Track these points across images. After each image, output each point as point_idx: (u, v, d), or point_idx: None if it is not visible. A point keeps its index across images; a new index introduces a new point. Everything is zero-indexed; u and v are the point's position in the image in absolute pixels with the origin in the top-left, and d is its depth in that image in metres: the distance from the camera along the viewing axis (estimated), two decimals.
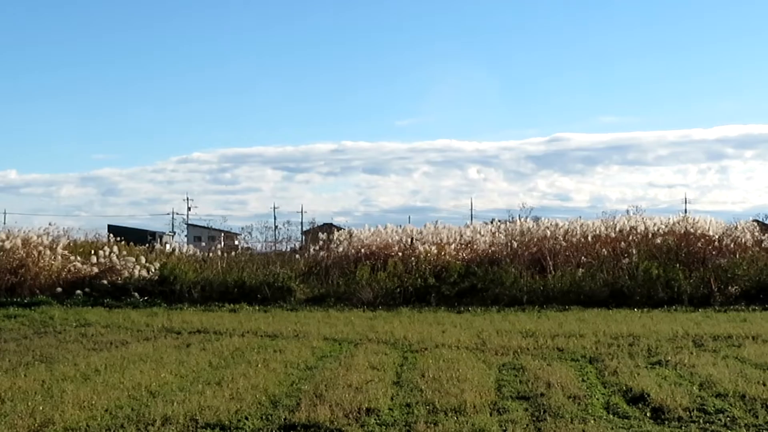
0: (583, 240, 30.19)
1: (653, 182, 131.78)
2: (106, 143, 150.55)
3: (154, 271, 27.79)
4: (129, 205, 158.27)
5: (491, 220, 35.79)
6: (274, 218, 71.21)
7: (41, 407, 10.30)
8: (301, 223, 66.04)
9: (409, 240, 30.77)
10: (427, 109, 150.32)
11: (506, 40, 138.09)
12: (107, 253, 28.61)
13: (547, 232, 30.60)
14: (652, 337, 16.91)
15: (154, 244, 36.86)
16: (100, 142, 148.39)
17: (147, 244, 35.81)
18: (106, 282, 27.33)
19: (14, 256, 28.10)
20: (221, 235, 44.00)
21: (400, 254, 29.30)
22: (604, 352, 14.88)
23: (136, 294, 26.50)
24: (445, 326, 19.23)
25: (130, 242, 33.04)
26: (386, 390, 11.45)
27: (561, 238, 30.19)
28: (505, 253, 29.59)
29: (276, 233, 41.74)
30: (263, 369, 13.20)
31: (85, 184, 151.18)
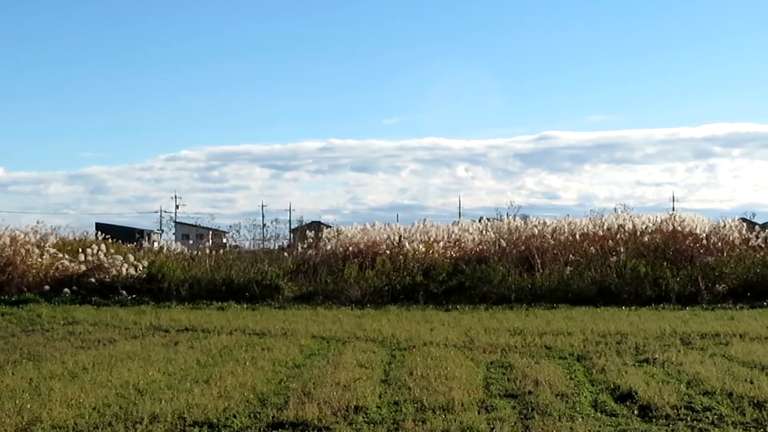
0: (571, 238, 30.22)
1: (641, 180, 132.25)
2: (93, 141, 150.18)
3: (142, 269, 27.74)
4: (117, 203, 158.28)
5: (479, 218, 35.72)
6: (263, 216, 71.01)
7: (29, 405, 10.27)
8: (290, 221, 66.01)
9: (398, 238, 30.74)
10: (415, 108, 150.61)
11: (495, 39, 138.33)
12: (95, 251, 28.52)
13: (535, 231, 30.63)
14: (639, 335, 16.94)
15: (142, 242, 36.86)
16: (88, 139, 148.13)
17: (135, 242, 35.79)
18: (94, 280, 27.27)
19: (2, 254, 28.02)
20: (209, 233, 43.82)
21: (389, 252, 29.29)
22: (591, 350, 14.90)
23: (124, 292, 26.46)
24: (434, 324, 19.24)
25: (118, 240, 33.00)
26: (374, 388, 11.45)
27: (549, 237, 30.23)
28: (493, 252, 29.61)
29: (264, 231, 41.61)
30: (251, 367, 13.18)
31: (73, 182, 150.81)
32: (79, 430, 9.43)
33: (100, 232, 34.76)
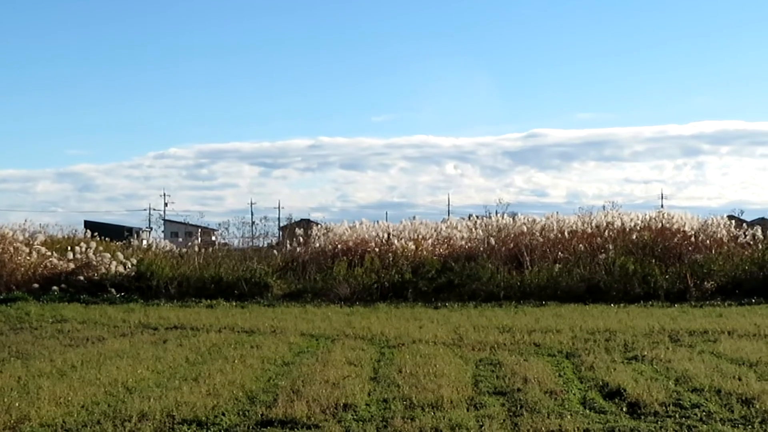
0: (559, 235, 30.27)
1: (629, 178, 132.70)
2: (82, 139, 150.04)
3: (130, 267, 27.69)
4: (105, 201, 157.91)
5: (468, 215, 35.77)
6: (251, 214, 70.91)
7: (17, 403, 10.24)
8: (278, 218, 65.86)
9: (386, 235, 30.75)
10: (404, 105, 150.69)
11: (484, 37, 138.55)
12: (84, 249, 28.46)
13: (524, 228, 30.66)
14: (628, 333, 16.97)
15: (131, 240, 36.74)
16: (77, 137, 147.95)
17: (124, 240, 35.68)
18: (82, 278, 27.22)
19: None
20: (198, 230, 43.80)
21: (377, 250, 29.30)
22: (580, 348, 14.93)
23: (113, 290, 26.42)
24: (422, 322, 19.24)
25: (106, 238, 32.92)
26: (363, 385, 11.44)
27: (538, 234, 30.26)
28: (482, 249, 29.63)
29: (253, 229, 41.61)
30: (240, 365, 13.17)
31: (62, 180, 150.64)
32: (67, 429, 9.40)
33: (88, 230, 34.69)
